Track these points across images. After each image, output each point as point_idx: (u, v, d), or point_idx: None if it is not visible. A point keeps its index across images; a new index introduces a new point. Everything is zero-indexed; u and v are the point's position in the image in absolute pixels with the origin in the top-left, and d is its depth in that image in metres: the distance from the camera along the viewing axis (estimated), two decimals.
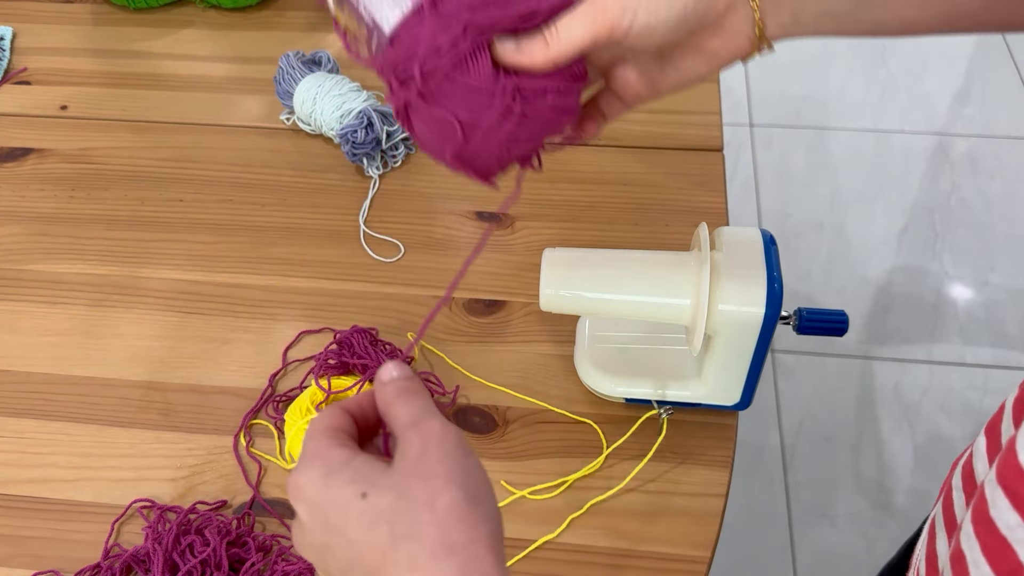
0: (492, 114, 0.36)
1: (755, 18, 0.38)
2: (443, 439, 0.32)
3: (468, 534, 0.30)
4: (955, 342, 1.49)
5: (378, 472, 0.31)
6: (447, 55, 0.35)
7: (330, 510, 0.31)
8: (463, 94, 0.36)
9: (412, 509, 0.30)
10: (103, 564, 0.53)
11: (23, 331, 0.66)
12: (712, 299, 0.49)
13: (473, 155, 0.37)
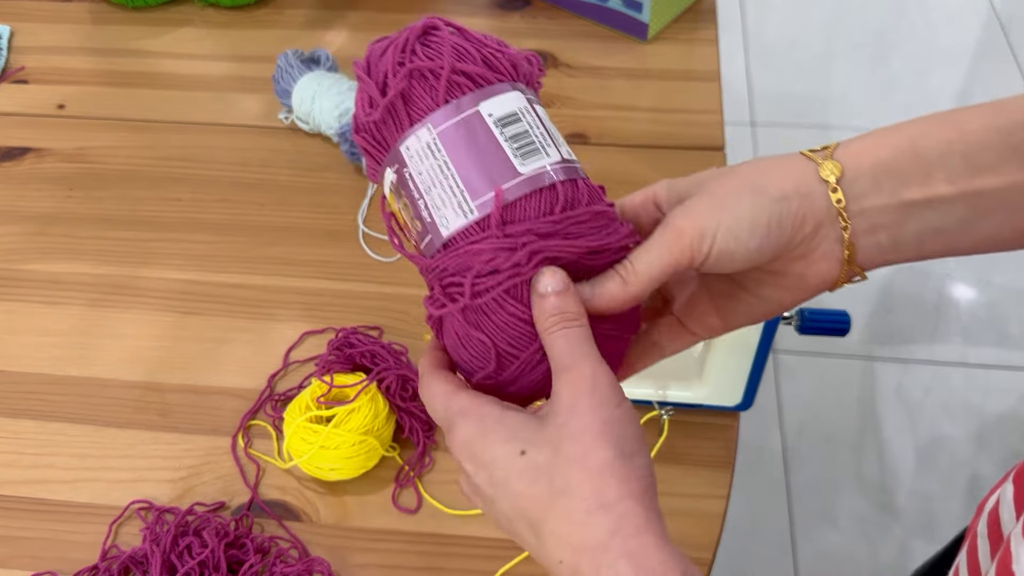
0: (534, 349, 0.33)
1: (844, 238, 0.34)
2: (595, 388, 0.31)
3: (619, 490, 0.30)
4: (957, 342, 1.49)
5: (532, 428, 0.32)
6: (504, 279, 0.32)
7: (493, 467, 0.32)
8: (509, 322, 0.33)
9: (566, 466, 0.31)
10: (101, 565, 0.53)
11: (20, 331, 0.66)
12: None
13: (502, 384, 0.35)
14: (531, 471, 0.31)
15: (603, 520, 0.30)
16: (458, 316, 0.34)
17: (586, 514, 0.30)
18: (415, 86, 0.35)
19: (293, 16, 0.91)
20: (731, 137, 1.79)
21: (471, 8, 0.91)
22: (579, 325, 0.32)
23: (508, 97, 0.35)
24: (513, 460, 0.32)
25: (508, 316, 0.33)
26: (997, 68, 1.95)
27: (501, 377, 0.34)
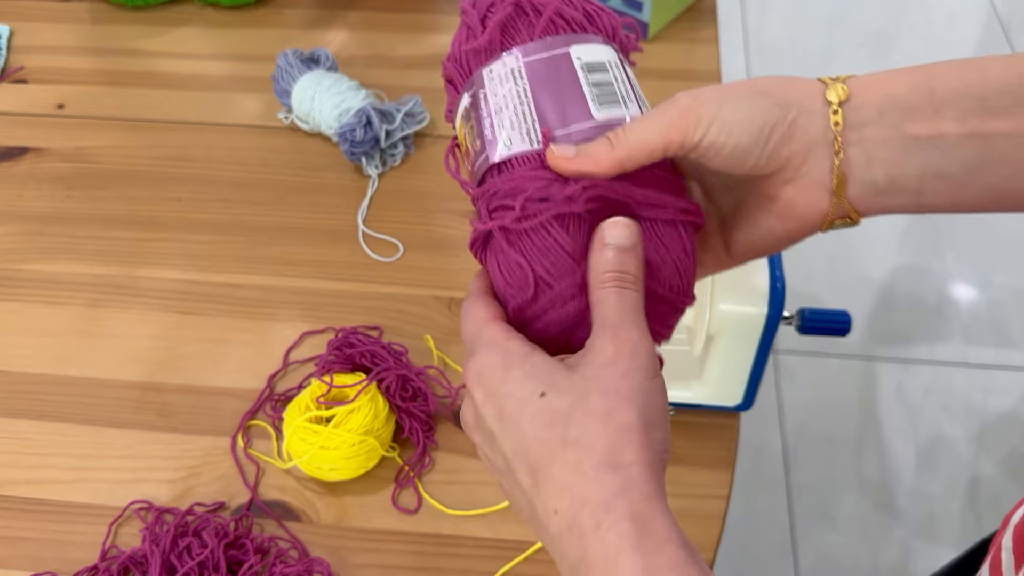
0: (570, 283, 0.33)
1: (836, 164, 0.33)
2: (635, 353, 0.31)
3: (636, 455, 0.29)
4: (958, 342, 1.49)
5: (559, 374, 0.31)
6: (554, 205, 0.32)
7: (506, 401, 0.31)
8: (552, 248, 0.32)
9: (586, 418, 0.30)
10: (100, 566, 0.53)
11: (20, 331, 0.66)
12: (714, 299, 0.49)
13: (534, 316, 0.34)
14: (547, 413, 0.30)
15: (612, 478, 0.29)
16: (502, 239, 0.34)
17: (596, 469, 0.29)
18: (516, 19, 0.36)
19: (293, 16, 0.91)
20: None
21: None
22: (635, 290, 0.32)
23: (600, 48, 0.36)
24: (530, 399, 0.31)
25: (552, 243, 0.33)
26: None
27: (535, 307, 0.34)
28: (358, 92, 0.74)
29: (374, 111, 0.72)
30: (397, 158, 0.76)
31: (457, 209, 0.72)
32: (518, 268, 0.33)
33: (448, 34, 0.88)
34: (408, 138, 0.76)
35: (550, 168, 0.33)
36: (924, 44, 2.00)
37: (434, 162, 0.76)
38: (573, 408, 0.30)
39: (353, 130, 0.72)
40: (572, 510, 0.29)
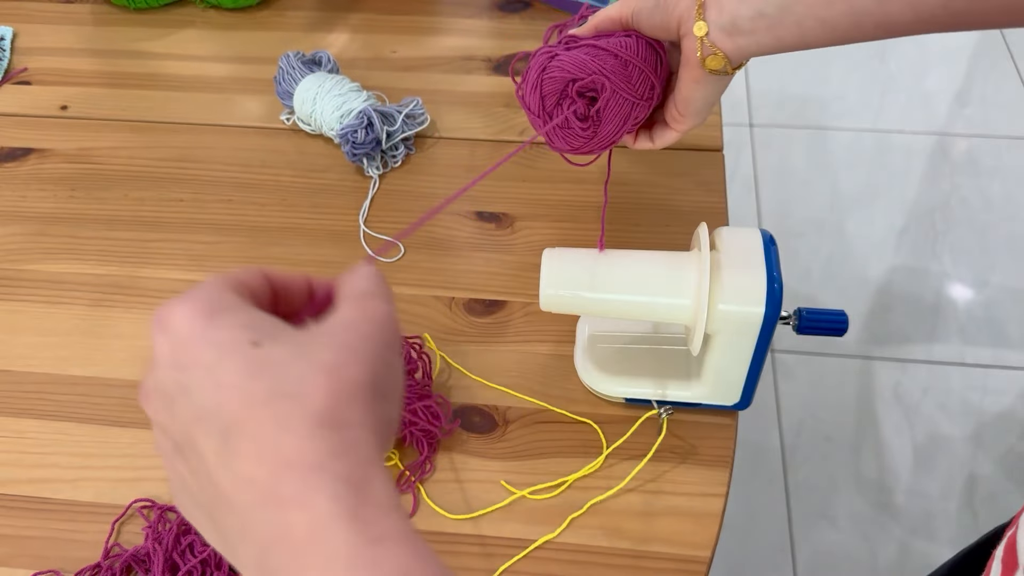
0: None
1: (695, 14, 0.46)
2: (383, 324, 0.28)
3: (362, 415, 0.26)
4: (955, 342, 1.49)
5: (281, 328, 0.27)
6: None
7: (204, 349, 0.26)
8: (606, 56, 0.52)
9: (308, 369, 0.25)
10: (103, 564, 0.53)
11: (23, 331, 0.66)
12: (712, 299, 0.49)
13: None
14: (257, 363, 0.26)
15: (329, 437, 0.25)
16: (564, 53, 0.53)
17: (311, 426, 0.25)
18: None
19: (295, 18, 0.91)
20: (730, 138, 1.80)
21: (471, 10, 0.91)
22: (387, 296, 0.30)
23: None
24: (237, 348, 0.26)
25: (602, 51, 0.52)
26: (995, 68, 1.96)
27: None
28: (359, 94, 0.75)
29: (375, 113, 0.73)
30: (398, 159, 0.76)
31: (457, 210, 0.73)
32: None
33: (448, 35, 0.89)
34: (409, 139, 0.76)
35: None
36: (921, 45, 2.01)
37: (435, 163, 0.77)
38: (293, 358, 0.26)
39: (355, 131, 0.72)
40: (273, 477, 0.24)
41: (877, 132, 1.82)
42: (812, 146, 1.80)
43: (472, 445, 0.58)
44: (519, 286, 0.67)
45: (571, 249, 0.54)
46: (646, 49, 0.52)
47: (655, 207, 0.72)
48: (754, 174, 1.75)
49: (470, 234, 0.71)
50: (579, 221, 0.71)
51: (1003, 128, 1.82)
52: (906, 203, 1.70)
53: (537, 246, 0.69)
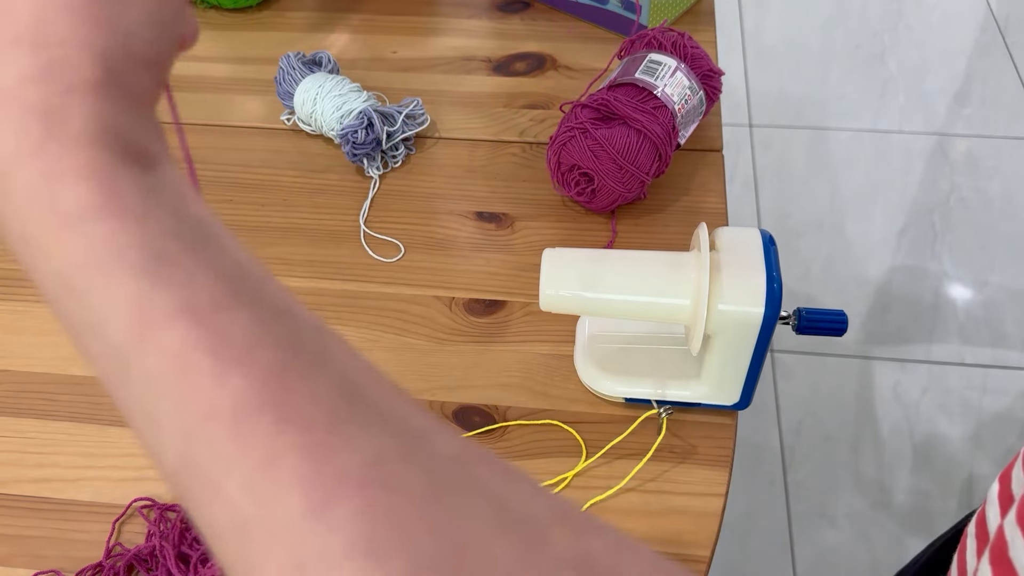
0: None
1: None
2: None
3: (73, 30, 0.21)
4: (954, 342, 1.49)
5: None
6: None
7: None
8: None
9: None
10: (105, 563, 0.54)
11: (24, 331, 0.66)
12: (711, 299, 0.49)
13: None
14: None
15: (22, 58, 0.20)
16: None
17: (4, 45, 0.20)
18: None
19: (295, 18, 0.91)
20: (729, 138, 1.80)
21: (471, 11, 0.91)
22: None
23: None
24: None
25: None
26: (994, 69, 1.96)
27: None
28: (360, 94, 0.75)
29: (375, 113, 0.73)
30: (398, 159, 0.76)
31: (457, 210, 0.73)
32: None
33: (448, 36, 0.89)
34: (409, 140, 0.76)
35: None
36: (921, 46, 2.01)
37: (435, 163, 0.77)
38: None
39: (355, 132, 0.72)
40: None
41: (877, 132, 1.82)
42: (812, 146, 1.81)
43: None
44: (519, 286, 0.67)
45: (571, 249, 0.54)
46: (646, 151, 0.66)
47: (655, 207, 0.72)
48: (754, 174, 1.75)
49: (470, 234, 0.71)
50: (579, 221, 0.71)
51: (1002, 128, 1.83)
52: (906, 203, 1.70)
53: (537, 246, 0.69)
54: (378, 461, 0.18)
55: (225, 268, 0.21)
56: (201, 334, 0.19)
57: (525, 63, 0.85)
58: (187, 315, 0.19)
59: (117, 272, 0.19)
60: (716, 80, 0.72)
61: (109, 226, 0.20)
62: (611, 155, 0.65)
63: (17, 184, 0.20)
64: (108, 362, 0.20)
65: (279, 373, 0.19)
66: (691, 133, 0.72)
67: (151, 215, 0.20)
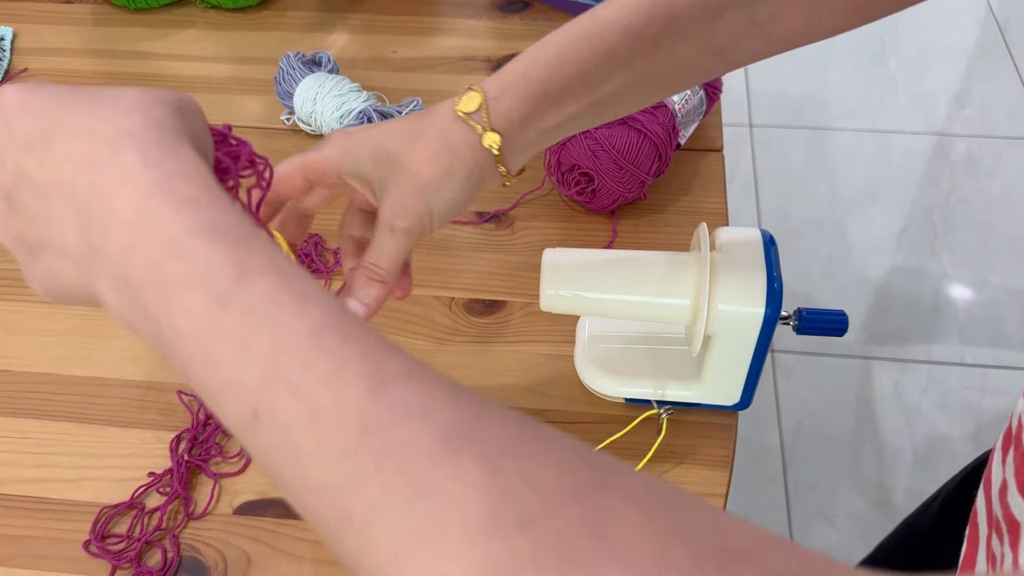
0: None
1: (503, 173, 0.43)
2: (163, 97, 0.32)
3: (164, 114, 0.30)
4: (954, 342, 1.49)
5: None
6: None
7: (31, 102, 0.30)
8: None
9: (118, 90, 0.30)
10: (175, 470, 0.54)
11: (24, 331, 0.66)
12: (712, 299, 0.49)
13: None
14: (72, 89, 0.30)
15: (138, 114, 0.29)
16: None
17: (123, 109, 0.29)
18: None
19: (295, 18, 0.91)
20: (729, 138, 1.80)
21: (471, 11, 0.91)
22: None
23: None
24: (56, 89, 0.30)
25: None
26: (995, 69, 1.96)
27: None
28: (359, 94, 0.75)
29: (375, 113, 0.73)
30: None
31: None
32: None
33: (448, 36, 0.89)
34: None
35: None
36: (921, 46, 2.01)
37: None
38: (101, 91, 0.30)
39: None
40: (90, 147, 0.28)
41: (877, 132, 1.82)
42: (812, 146, 1.81)
43: None
44: (519, 286, 0.67)
45: (571, 249, 0.54)
46: (646, 151, 0.65)
47: (655, 207, 0.72)
48: (754, 174, 1.75)
49: (470, 234, 0.71)
50: (579, 221, 0.71)
51: (1002, 128, 1.83)
52: (906, 203, 1.70)
53: (537, 246, 0.69)
54: (418, 367, 0.25)
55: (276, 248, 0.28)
56: (285, 283, 0.26)
57: None
58: (273, 270, 0.26)
59: (222, 240, 0.26)
60: (716, 80, 0.72)
61: (213, 211, 0.27)
62: (611, 155, 0.65)
63: (145, 181, 0.27)
64: (201, 305, 0.25)
65: (343, 315, 0.25)
66: (691, 133, 0.72)
67: (234, 209, 0.28)
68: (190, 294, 0.25)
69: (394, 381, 0.24)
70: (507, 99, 0.41)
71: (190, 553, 0.54)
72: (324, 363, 0.24)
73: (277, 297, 0.25)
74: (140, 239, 0.26)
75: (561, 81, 0.41)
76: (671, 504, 0.22)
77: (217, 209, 0.27)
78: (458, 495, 0.21)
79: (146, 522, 0.55)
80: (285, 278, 0.26)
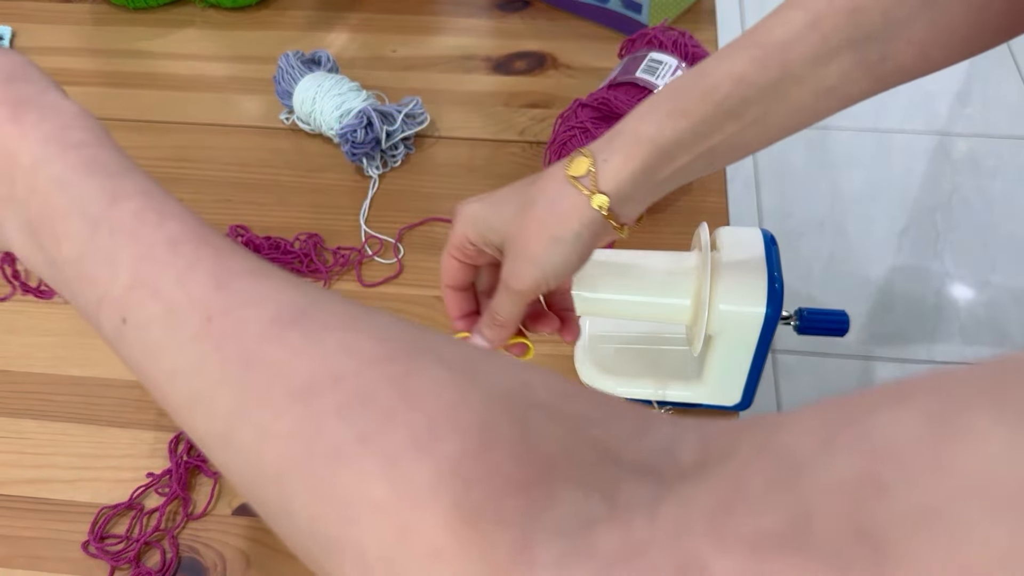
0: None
1: (618, 232, 0.44)
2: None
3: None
4: (956, 342, 1.49)
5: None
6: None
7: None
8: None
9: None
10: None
11: (22, 331, 0.66)
12: (713, 299, 0.49)
13: None
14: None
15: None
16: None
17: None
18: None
19: (294, 17, 0.91)
20: None
21: (471, 9, 0.91)
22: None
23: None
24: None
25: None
26: (996, 68, 1.95)
27: None
28: (359, 93, 0.75)
29: (375, 112, 0.73)
30: (398, 159, 0.76)
31: None
32: None
33: (448, 35, 0.88)
34: (409, 139, 0.76)
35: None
36: None
37: (434, 163, 0.76)
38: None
39: (354, 131, 0.72)
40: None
41: (878, 132, 1.82)
42: (812, 146, 1.80)
43: None
44: None
45: None
46: None
47: (655, 207, 0.71)
48: (754, 174, 1.75)
49: None
50: None
51: (1004, 128, 1.82)
52: (907, 203, 1.70)
53: None
54: (263, 265, 0.28)
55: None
56: (148, 203, 0.29)
57: (525, 62, 0.85)
58: (140, 194, 0.29)
59: (98, 172, 0.30)
60: None
61: (93, 150, 0.31)
62: None
63: (39, 134, 0.31)
64: (80, 231, 0.29)
65: (201, 227, 0.29)
66: None
67: (115, 148, 0.31)
68: (71, 221, 0.29)
69: (238, 276, 0.27)
70: (616, 159, 0.42)
71: (189, 554, 0.54)
72: (178, 266, 0.27)
73: (141, 215, 0.29)
74: (35, 182, 0.30)
75: (671, 135, 0.41)
76: (480, 364, 0.24)
77: (97, 149, 0.31)
78: (282, 362, 0.24)
79: (145, 523, 0.55)
80: (150, 199, 0.29)
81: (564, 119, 0.68)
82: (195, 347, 0.26)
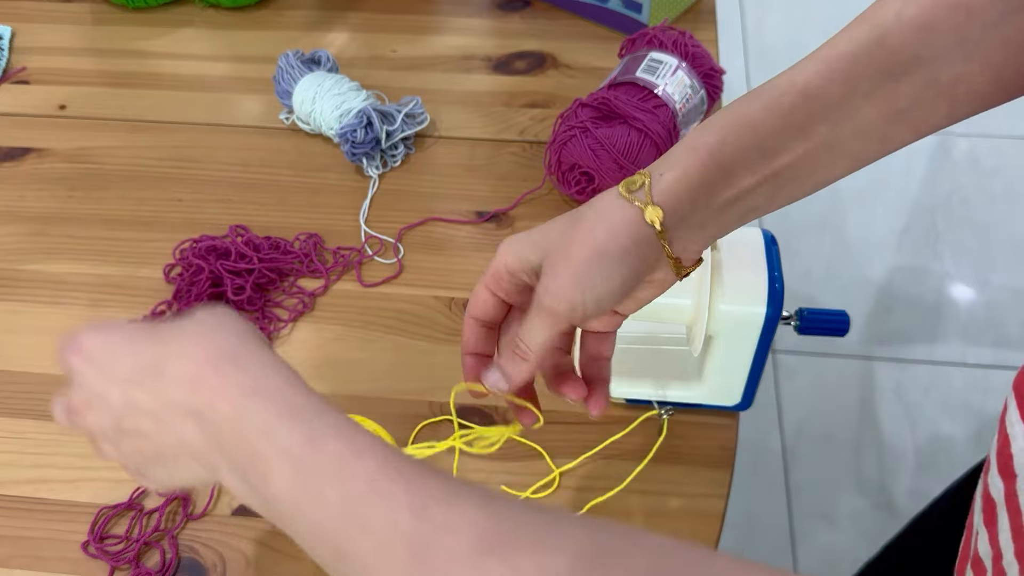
0: None
1: (670, 254, 0.39)
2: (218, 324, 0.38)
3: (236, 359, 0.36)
4: (956, 342, 1.49)
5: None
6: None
7: (116, 343, 0.38)
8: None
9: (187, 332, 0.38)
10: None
11: (22, 331, 0.66)
12: (713, 299, 0.49)
13: None
14: (155, 329, 0.38)
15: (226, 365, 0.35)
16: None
17: (208, 355, 0.36)
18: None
19: (294, 17, 0.91)
20: None
21: (471, 9, 0.91)
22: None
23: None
24: (136, 329, 0.39)
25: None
26: None
27: None
28: (359, 93, 0.75)
29: (375, 112, 0.73)
30: (398, 159, 0.76)
31: (457, 210, 0.72)
32: None
33: (448, 35, 0.88)
34: (408, 139, 0.76)
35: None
36: None
37: (434, 163, 0.76)
38: (175, 326, 0.38)
39: (354, 131, 0.72)
40: (193, 371, 0.35)
41: None
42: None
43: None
44: None
45: None
46: (646, 151, 0.65)
47: None
48: None
49: (470, 234, 0.71)
50: None
51: (1004, 128, 1.82)
52: (907, 203, 1.70)
53: None
54: (452, 486, 0.31)
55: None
56: (345, 444, 0.33)
57: (525, 62, 0.85)
58: (336, 435, 0.33)
59: (297, 418, 0.34)
60: (717, 79, 0.72)
61: (289, 396, 0.35)
62: (612, 154, 0.65)
63: (239, 386, 0.35)
64: (286, 473, 0.33)
65: (393, 457, 0.32)
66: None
67: (307, 391, 0.35)
68: (278, 465, 0.33)
69: (434, 503, 0.30)
70: (673, 172, 0.38)
71: (189, 554, 0.54)
72: (379, 502, 0.31)
73: (340, 456, 0.32)
74: (241, 431, 0.34)
75: (733, 148, 0.38)
76: (670, 570, 0.27)
77: (292, 394, 0.34)
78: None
79: (145, 523, 0.55)
80: (343, 439, 0.33)
81: (564, 119, 0.68)
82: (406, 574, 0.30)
